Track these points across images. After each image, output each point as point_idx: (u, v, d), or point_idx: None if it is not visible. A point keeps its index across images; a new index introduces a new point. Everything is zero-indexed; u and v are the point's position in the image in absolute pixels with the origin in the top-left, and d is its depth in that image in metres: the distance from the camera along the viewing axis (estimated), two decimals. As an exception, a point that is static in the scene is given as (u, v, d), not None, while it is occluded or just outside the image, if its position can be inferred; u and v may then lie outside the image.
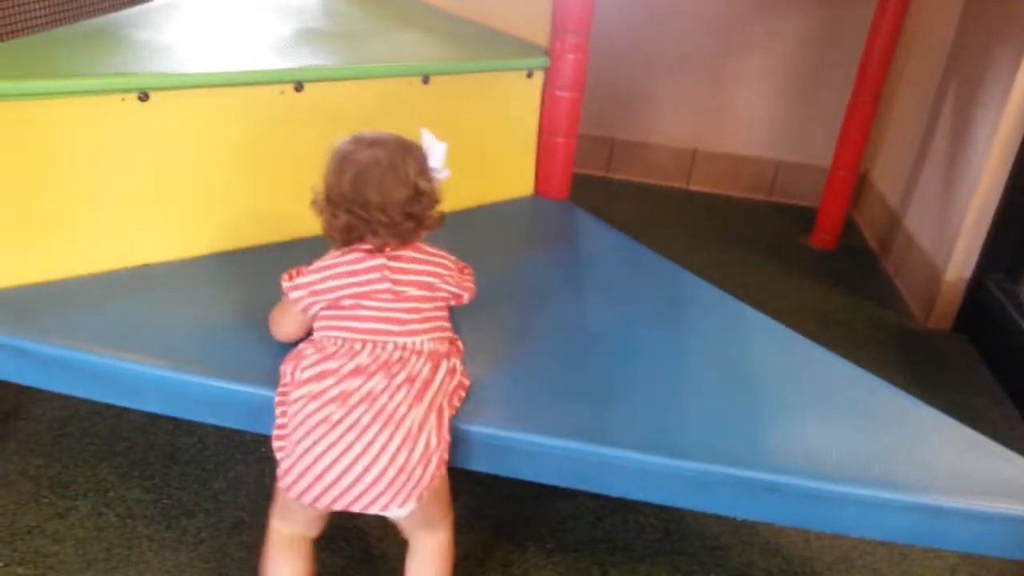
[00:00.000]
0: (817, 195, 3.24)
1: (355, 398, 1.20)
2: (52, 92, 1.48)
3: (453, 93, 1.97)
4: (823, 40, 3.32)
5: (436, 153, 1.34)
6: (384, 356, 1.24)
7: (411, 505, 1.22)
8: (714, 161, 3.60)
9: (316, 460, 1.18)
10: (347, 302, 1.29)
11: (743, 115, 3.52)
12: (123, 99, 1.54)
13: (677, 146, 3.60)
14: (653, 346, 1.59)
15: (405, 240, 1.31)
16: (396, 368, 1.23)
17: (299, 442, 1.20)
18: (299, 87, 1.72)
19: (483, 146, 2.08)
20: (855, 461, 1.33)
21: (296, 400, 1.23)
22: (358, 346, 1.25)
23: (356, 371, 1.22)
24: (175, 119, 1.61)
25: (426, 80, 1.90)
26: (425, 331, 1.30)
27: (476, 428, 1.33)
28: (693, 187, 3.67)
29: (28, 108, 1.46)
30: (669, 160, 3.63)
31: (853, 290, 2.88)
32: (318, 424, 1.19)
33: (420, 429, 1.21)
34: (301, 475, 1.19)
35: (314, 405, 1.20)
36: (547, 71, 2.08)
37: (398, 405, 1.21)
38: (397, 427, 1.19)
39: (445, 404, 1.29)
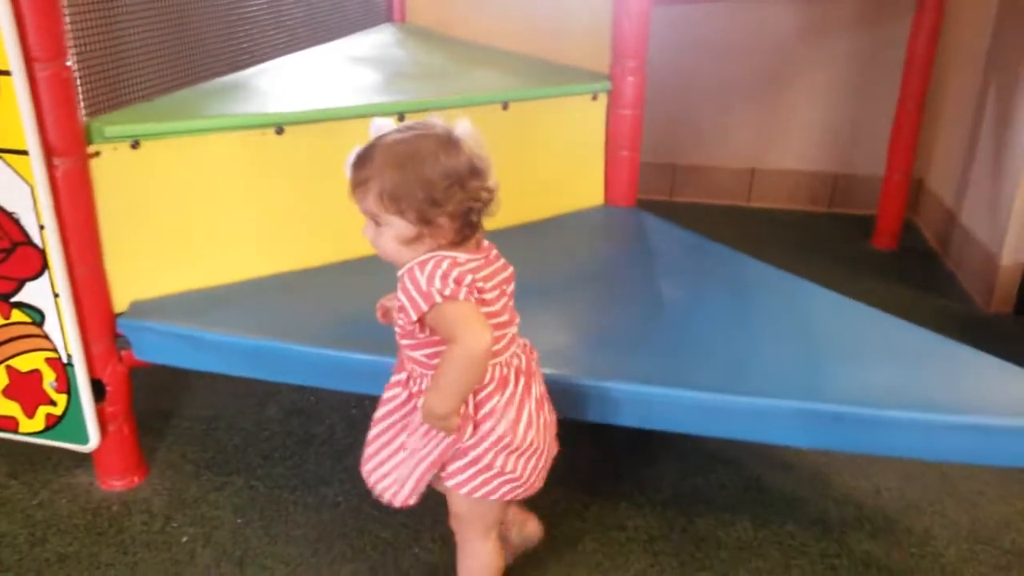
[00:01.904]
0: (875, 204, 3.41)
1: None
2: (208, 129, 1.82)
3: (528, 117, 2.26)
4: (869, 55, 3.52)
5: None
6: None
7: None
8: (773, 177, 3.81)
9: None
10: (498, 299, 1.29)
11: (798, 132, 3.72)
12: (263, 133, 1.87)
13: (736, 166, 3.82)
14: (723, 313, 1.83)
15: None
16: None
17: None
18: (401, 118, 2.03)
19: (556, 162, 2.36)
20: (908, 393, 1.51)
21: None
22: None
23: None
24: (305, 148, 1.93)
25: (505, 107, 2.20)
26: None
27: (584, 381, 1.56)
28: (754, 204, 3.87)
29: (190, 143, 1.80)
30: (729, 180, 3.85)
31: (917, 285, 3.03)
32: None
33: None
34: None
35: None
36: (610, 93, 2.36)
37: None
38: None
39: None
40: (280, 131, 1.89)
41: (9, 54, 1.49)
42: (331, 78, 2.32)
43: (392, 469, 1.36)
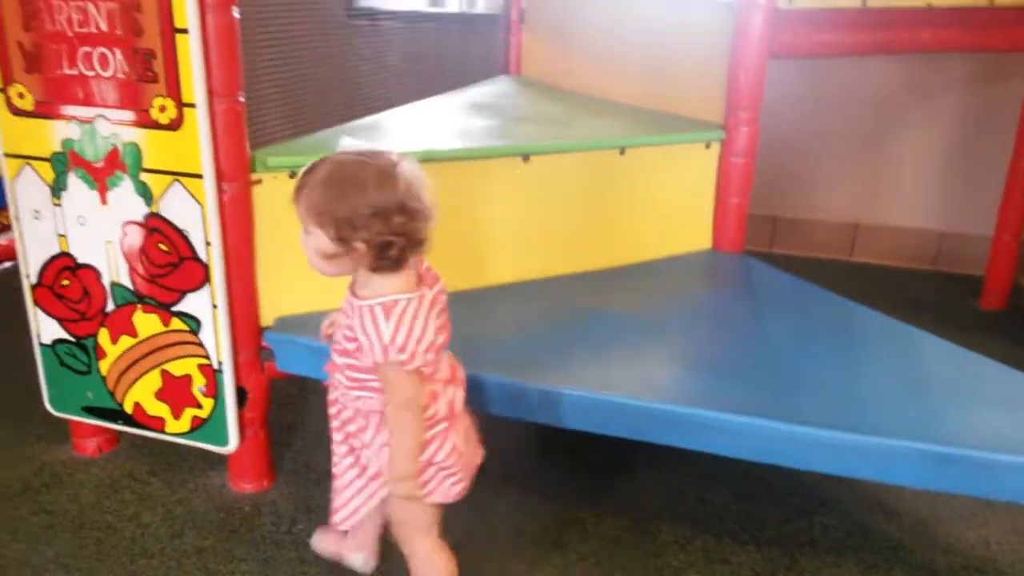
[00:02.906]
0: (982, 263, 3.36)
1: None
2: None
3: (644, 162, 2.37)
4: (979, 114, 3.51)
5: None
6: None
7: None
8: (876, 233, 3.80)
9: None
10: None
11: (904, 188, 3.72)
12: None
13: (839, 220, 3.83)
14: (834, 354, 1.88)
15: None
16: None
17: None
18: (526, 159, 2.18)
19: (668, 206, 2.46)
20: (1021, 439, 1.52)
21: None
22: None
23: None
24: (434, 184, 2.08)
25: (622, 152, 2.32)
26: None
27: (702, 411, 1.63)
28: (856, 259, 3.85)
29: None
30: (831, 234, 3.86)
31: (1026, 345, 2.96)
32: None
33: None
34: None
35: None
36: (723, 142, 2.45)
37: None
38: None
39: None
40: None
41: (196, 89, 1.70)
42: (457, 122, 2.49)
43: (342, 491, 1.52)
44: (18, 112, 1.83)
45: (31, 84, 1.80)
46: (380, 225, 1.27)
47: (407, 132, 2.33)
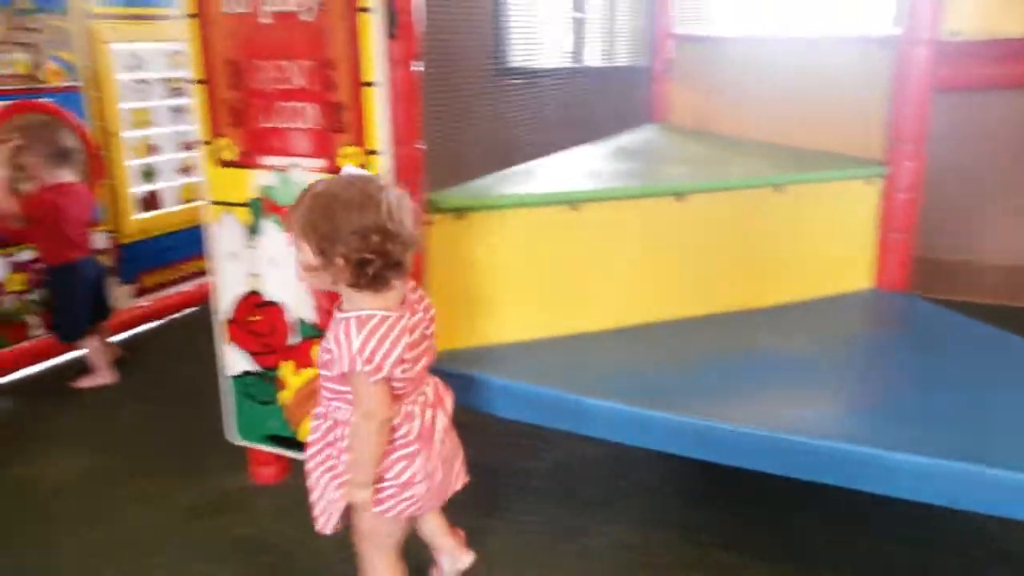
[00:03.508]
0: None
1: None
2: (516, 204, 2.11)
3: (800, 200, 2.35)
4: None
5: None
6: None
7: None
8: (1049, 277, 3.55)
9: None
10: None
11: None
12: (559, 209, 2.12)
13: (1004, 263, 3.61)
14: (1019, 400, 1.76)
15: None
16: None
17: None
18: (679, 198, 2.21)
19: (826, 244, 2.42)
20: None
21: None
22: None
23: None
24: (595, 222, 2.15)
25: (778, 189, 2.31)
26: None
27: (879, 452, 1.58)
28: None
29: (501, 216, 2.09)
30: (997, 277, 3.63)
31: None
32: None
33: None
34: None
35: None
36: (885, 177, 2.40)
37: None
38: None
39: None
40: (575, 208, 2.13)
41: (380, 137, 1.85)
42: (608, 166, 2.56)
43: (318, 500, 1.58)
44: (224, 163, 2.05)
45: (235, 137, 2.01)
46: (358, 243, 1.35)
47: (561, 176, 2.42)
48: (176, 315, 3.66)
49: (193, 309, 3.73)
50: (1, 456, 2.45)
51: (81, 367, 3.04)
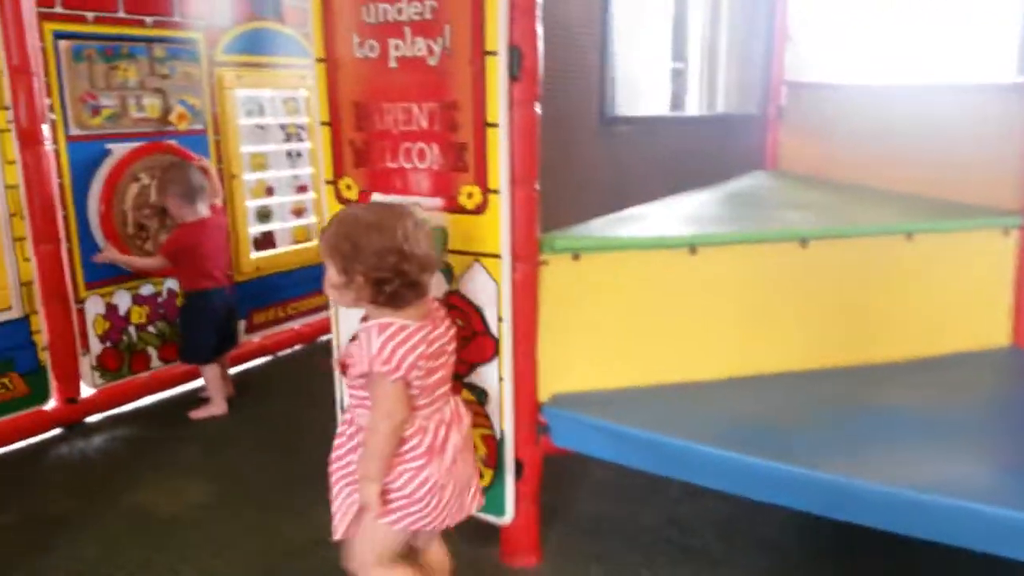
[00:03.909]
0: None
1: None
2: (633, 246, 2.08)
3: (932, 249, 2.24)
4: None
5: None
6: None
7: None
8: None
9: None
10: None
11: None
12: (679, 252, 2.07)
13: None
14: None
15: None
16: None
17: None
18: (804, 244, 2.13)
19: (959, 296, 2.29)
20: None
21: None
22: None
23: None
24: (715, 267, 2.10)
25: (909, 237, 2.20)
26: None
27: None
28: None
29: (618, 259, 2.06)
30: None
31: None
32: None
33: None
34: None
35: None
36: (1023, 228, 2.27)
37: None
38: None
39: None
40: (693, 251, 2.08)
41: (501, 177, 1.85)
42: (727, 210, 2.51)
43: (337, 508, 1.65)
44: (344, 201, 2.09)
45: (357, 177, 2.06)
46: (376, 262, 1.47)
47: (676, 220, 2.38)
48: (284, 352, 3.76)
49: (300, 347, 3.83)
50: (117, 484, 2.53)
51: (196, 398, 3.14)
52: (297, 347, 3.83)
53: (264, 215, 3.70)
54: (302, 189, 3.87)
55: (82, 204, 2.91)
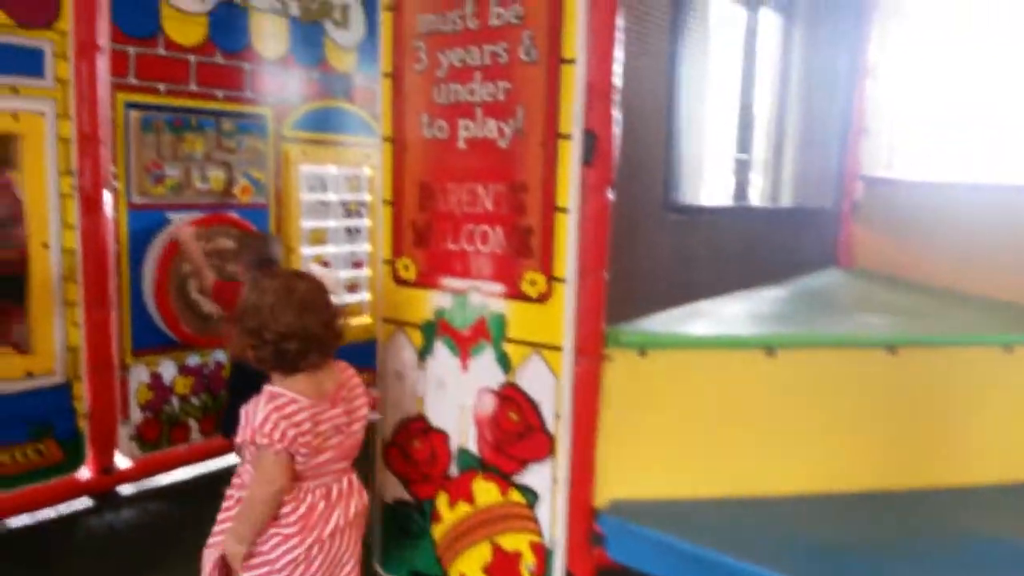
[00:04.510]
0: None
1: None
2: (707, 345, 1.93)
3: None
4: None
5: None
6: None
7: None
8: None
9: None
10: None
11: None
12: (754, 354, 1.92)
13: None
14: None
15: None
16: None
17: None
18: (893, 351, 1.96)
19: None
20: None
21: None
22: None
23: None
24: (795, 371, 1.93)
25: (1008, 349, 2.02)
26: None
27: None
28: None
29: (690, 357, 1.92)
30: None
31: None
32: None
33: None
34: None
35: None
36: None
37: None
38: None
39: None
40: (771, 352, 1.92)
41: (568, 265, 1.75)
42: (804, 310, 2.36)
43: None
44: (401, 282, 2.01)
45: (416, 257, 1.98)
46: (245, 324, 1.54)
47: (748, 318, 2.24)
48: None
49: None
50: (143, 566, 2.41)
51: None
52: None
53: (318, 290, 3.65)
54: (357, 265, 3.82)
55: (136, 271, 2.89)
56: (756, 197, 4.90)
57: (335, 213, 3.69)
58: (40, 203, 2.58)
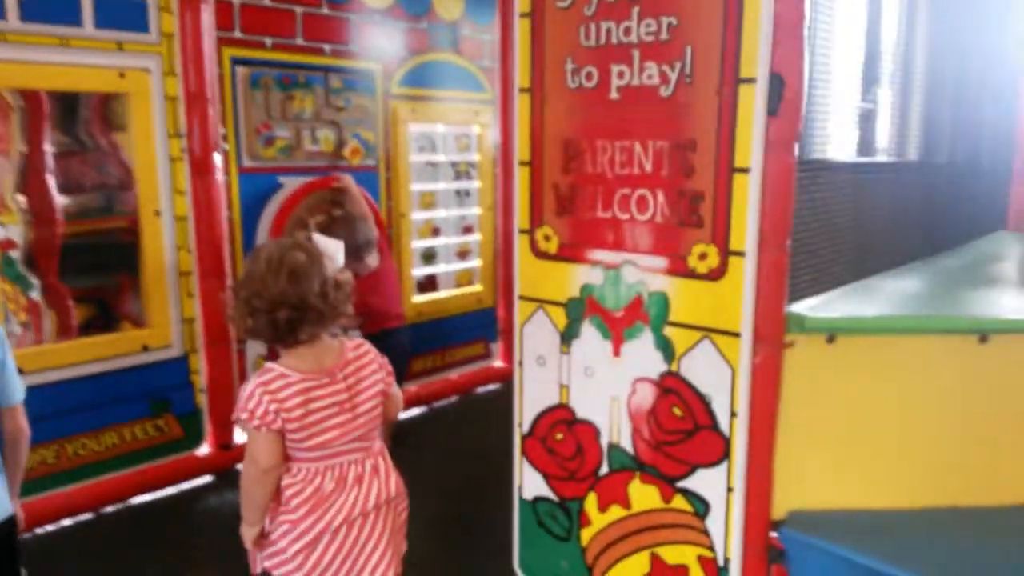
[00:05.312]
0: None
1: None
2: (910, 329, 1.61)
3: None
4: None
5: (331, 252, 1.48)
6: None
7: None
8: None
9: None
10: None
11: None
12: (965, 340, 1.60)
13: None
14: None
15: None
16: None
17: None
18: None
19: None
20: None
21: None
22: None
23: None
24: (1016, 362, 1.61)
25: None
26: None
27: None
28: None
29: (888, 344, 1.61)
30: None
31: None
32: None
33: None
34: None
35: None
36: None
37: None
38: None
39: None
40: (984, 339, 1.60)
41: (748, 236, 1.47)
42: (992, 283, 2.01)
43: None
44: (541, 255, 1.77)
45: (559, 227, 1.73)
46: (238, 294, 1.45)
47: (944, 296, 1.91)
48: (437, 403, 3.48)
49: (456, 398, 3.54)
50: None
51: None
52: (453, 398, 3.55)
53: (428, 256, 3.47)
54: (467, 230, 3.62)
55: (250, 240, 2.76)
56: (918, 152, 4.43)
57: (445, 175, 3.49)
58: (150, 168, 2.45)
